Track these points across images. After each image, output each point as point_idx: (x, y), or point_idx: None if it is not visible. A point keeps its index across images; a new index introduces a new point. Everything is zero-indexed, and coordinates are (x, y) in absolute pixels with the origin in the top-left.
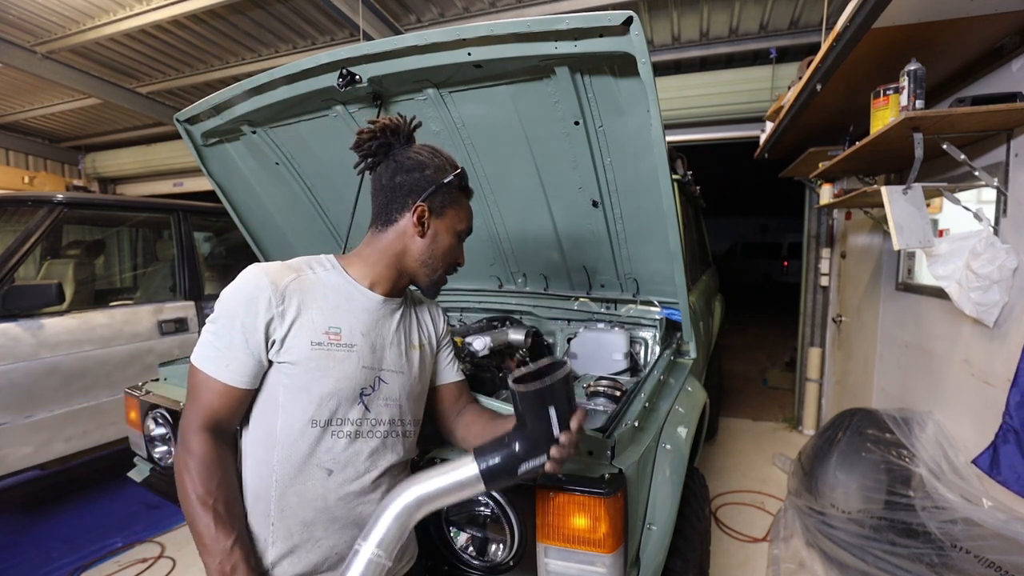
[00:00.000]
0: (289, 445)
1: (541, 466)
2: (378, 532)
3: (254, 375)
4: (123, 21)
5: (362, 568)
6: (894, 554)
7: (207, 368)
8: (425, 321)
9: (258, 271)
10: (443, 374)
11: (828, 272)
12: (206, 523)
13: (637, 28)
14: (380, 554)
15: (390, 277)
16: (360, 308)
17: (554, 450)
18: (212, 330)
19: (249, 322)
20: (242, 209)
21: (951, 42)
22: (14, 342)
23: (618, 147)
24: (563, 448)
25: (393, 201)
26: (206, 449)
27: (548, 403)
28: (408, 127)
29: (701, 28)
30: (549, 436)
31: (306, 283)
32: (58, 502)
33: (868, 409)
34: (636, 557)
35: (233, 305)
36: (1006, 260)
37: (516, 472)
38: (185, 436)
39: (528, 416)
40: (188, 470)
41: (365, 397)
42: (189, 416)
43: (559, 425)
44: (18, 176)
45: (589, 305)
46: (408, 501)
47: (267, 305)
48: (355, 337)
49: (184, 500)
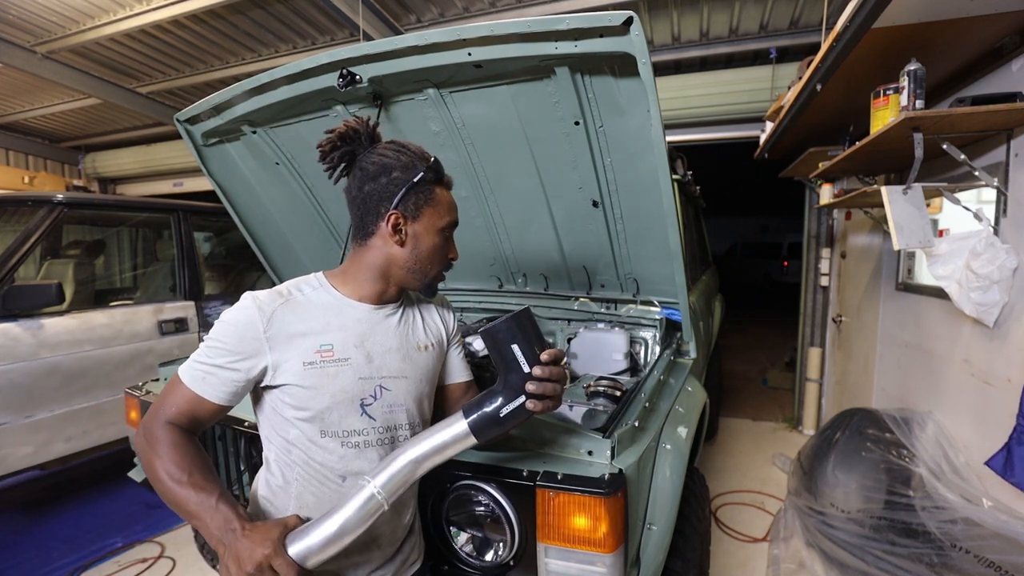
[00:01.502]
0: (305, 451)
1: (522, 406)
2: (385, 475)
3: (231, 394)
4: (123, 21)
5: (363, 500)
6: (894, 554)
7: (185, 378)
8: (433, 320)
9: (249, 300)
10: (452, 373)
11: (828, 272)
12: (187, 494)
13: (637, 28)
14: (381, 492)
15: (379, 289)
16: (351, 320)
17: (530, 385)
18: (202, 350)
19: (236, 347)
20: (242, 209)
21: (951, 42)
22: (14, 342)
23: (618, 147)
24: (538, 382)
25: (366, 213)
26: (172, 434)
27: (510, 341)
28: (368, 128)
29: (701, 28)
30: (522, 374)
31: (294, 306)
32: (58, 502)
33: (868, 409)
34: (636, 557)
35: (224, 331)
36: (1006, 260)
37: (499, 417)
38: (149, 428)
39: (498, 361)
40: (157, 455)
41: (367, 407)
42: (154, 411)
43: (527, 361)
44: (18, 176)
45: (589, 305)
46: (415, 455)
47: (255, 332)
48: (348, 351)
49: (160, 484)
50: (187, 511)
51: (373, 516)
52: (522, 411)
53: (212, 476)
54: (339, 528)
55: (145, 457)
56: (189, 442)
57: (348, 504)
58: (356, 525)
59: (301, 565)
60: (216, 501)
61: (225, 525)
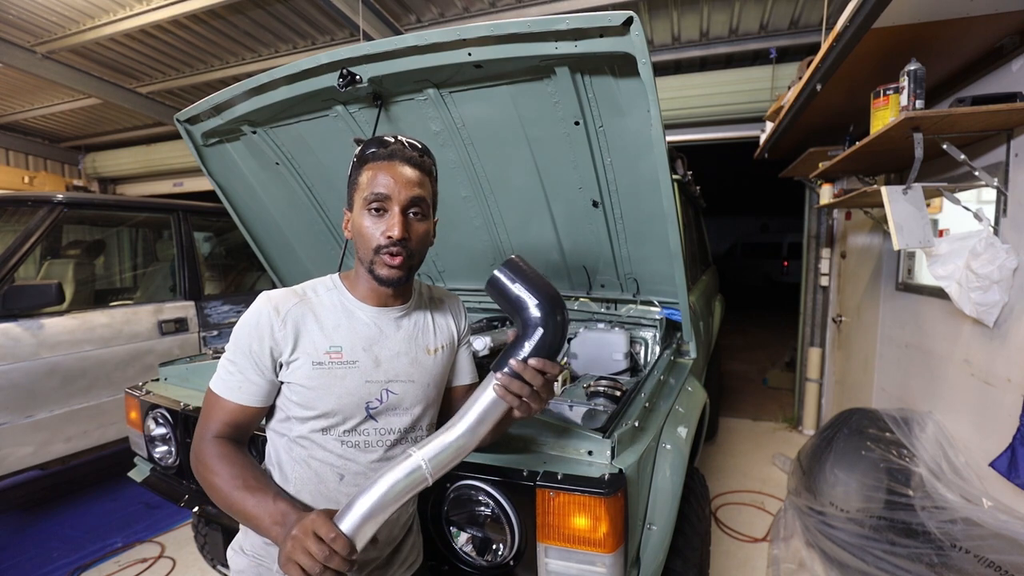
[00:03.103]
0: (307, 449)
1: (542, 340)
2: (433, 448)
3: (265, 394)
4: (123, 21)
5: (408, 469)
6: (894, 554)
7: (220, 390)
8: (445, 323)
9: (264, 300)
10: (459, 374)
11: (828, 272)
12: (243, 497)
13: (637, 28)
14: (427, 466)
15: (371, 287)
16: (361, 323)
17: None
18: (226, 358)
19: (256, 348)
20: (242, 209)
21: (951, 42)
22: (14, 342)
23: (618, 147)
24: (511, 378)
25: None
26: (220, 447)
27: (511, 282)
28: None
29: (701, 28)
30: (532, 307)
31: (308, 306)
32: (58, 502)
33: (868, 409)
34: (636, 557)
35: (242, 334)
36: (1006, 260)
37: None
38: (198, 450)
39: (508, 308)
40: (212, 471)
41: (372, 410)
42: (200, 432)
43: (534, 294)
44: (18, 176)
45: (589, 305)
46: (464, 431)
47: (270, 331)
48: (357, 353)
49: (218, 494)
50: (246, 514)
51: (415, 489)
52: (543, 344)
53: (265, 479)
54: (382, 496)
55: (202, 478)
56: (238, 451)
57: (392, 472)
58: (398, 496)
59: (352, 540)
60: (272, 499)
61: (283, 518)
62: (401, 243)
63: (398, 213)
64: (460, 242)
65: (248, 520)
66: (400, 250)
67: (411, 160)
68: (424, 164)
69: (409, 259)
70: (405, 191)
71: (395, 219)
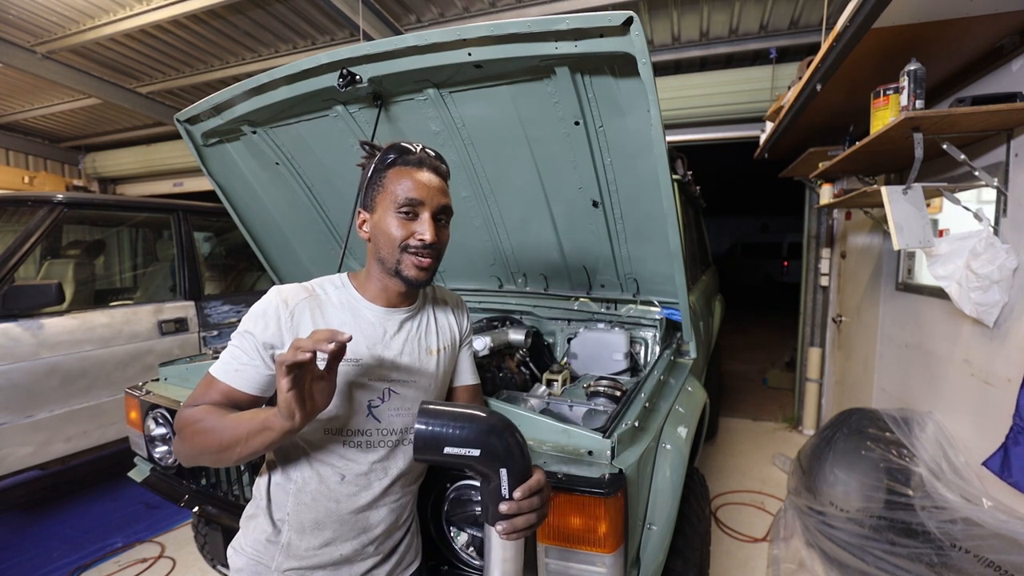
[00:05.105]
0: (307, 448)
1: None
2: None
3: (261, 384)
4: (123, 21)
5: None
6: (894, 554)
7: (217, 372)
8: (447, 323)
9: (274, 292)
10: (459, 375)
11: (828, 272)
12: (238, 417)
13: (637, 28)
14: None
15: (383, 286)
16: (366, 323)
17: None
18: (230, 344)
19: (259, 333)
20: (242, 209)
21: (951, 42)
22: (14, 342)
23: (618, 147)
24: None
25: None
26: (200, 411)
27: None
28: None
29: (701, 28)
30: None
31: (316, 302)
32: (58, 502)
33: (868, 409)
34: (636, 557)
35: (249, 320)
36: (1006, 260)
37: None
38: (182, 412)
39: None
40: (196, 419)
41: (374, 408)
42: (187, 402)
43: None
44: (18, 176)
45: (589, 305)
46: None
47: (277, 320)
48: (360, 352)
49: (212, 436)
50: (238, 429)
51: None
52: (514, 473)
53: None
54: None
55: (186, 442)
56: (215, 408)
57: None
58: None
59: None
60: (263, 408)
61: (271, 411)
62: (432, 247)
63: (429, 218)
64: (460, 242)
65: (248, 432)
66: (431, 253)
67: (437, 169)
68: (446, 173)
69: (436, 262)
70: (437, 198)
71: (427, 224)
